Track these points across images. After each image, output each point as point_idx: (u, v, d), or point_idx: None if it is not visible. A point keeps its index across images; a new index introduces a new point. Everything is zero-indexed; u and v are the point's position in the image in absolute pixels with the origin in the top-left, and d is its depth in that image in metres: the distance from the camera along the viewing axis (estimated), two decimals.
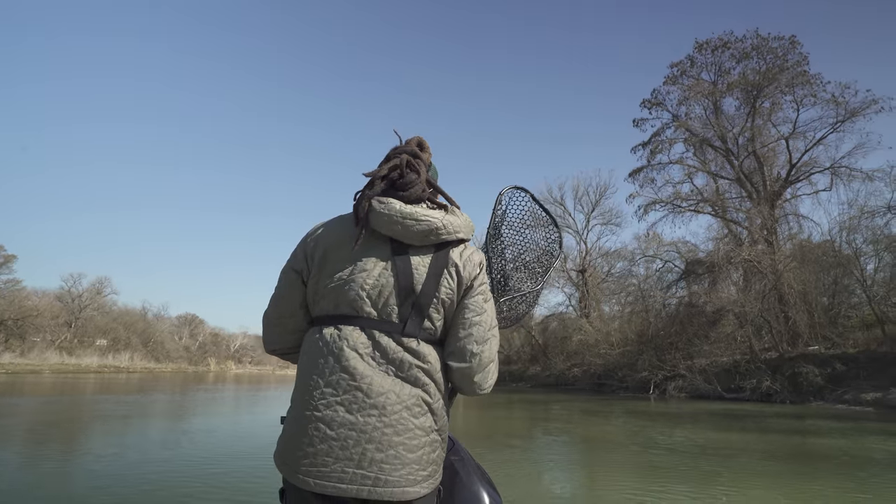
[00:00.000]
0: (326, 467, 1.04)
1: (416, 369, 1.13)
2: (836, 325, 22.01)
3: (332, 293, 1.17)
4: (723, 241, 26.92)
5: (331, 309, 1.17)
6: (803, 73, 26.52)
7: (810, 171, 26.74)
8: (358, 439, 1.06)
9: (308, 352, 1.16)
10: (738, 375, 20.50)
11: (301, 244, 1.25)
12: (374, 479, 1.05)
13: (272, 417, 11.26)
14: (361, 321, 1.14)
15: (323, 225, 1.26)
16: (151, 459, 5.89)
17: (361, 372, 1.09)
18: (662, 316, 26.81)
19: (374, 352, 1.13)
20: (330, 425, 1.06)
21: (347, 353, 1.11)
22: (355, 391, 1.08)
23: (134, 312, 61.12)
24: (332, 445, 1.05)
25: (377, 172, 1.22)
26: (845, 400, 16.78)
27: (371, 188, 1.21)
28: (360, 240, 1.17)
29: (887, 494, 4.80)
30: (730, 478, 5.51)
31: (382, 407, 1.08)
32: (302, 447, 1.07)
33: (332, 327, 1.15)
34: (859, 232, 22.33)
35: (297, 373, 1.18)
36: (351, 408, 1.07)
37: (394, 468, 1.07)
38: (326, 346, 1.13)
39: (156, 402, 15.11)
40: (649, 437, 8.89)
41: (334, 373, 1.09)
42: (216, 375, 46.45)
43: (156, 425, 9.63)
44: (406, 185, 1.22)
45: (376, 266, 1.16)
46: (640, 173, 31.02)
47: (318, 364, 1.12)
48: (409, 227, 1.16)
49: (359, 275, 1.16)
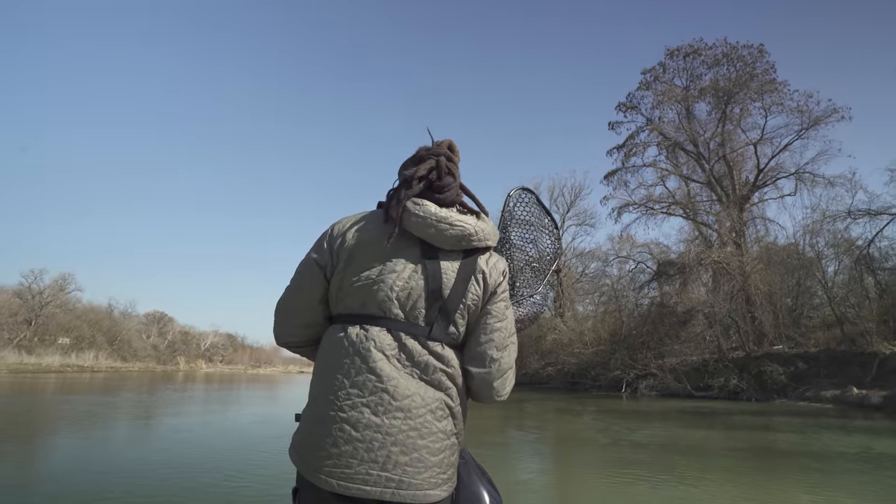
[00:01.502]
0: (350, 469, 1.04)
1: (441, 373, 1.14)
2: (799, 326, 22.82)
3: (360, 292, 1.15)
4: (693, 243, 27.59)
5: (357, 308, 1.15)
6: (771, 81, 27.45)
7: (776, 177, 27.71)
8: (383, 442, 1.06)
9: (331, 350, 1.14)
10: (707, 374, 21.05)
11: (326, 237, 1.21)
12: (398, 482, 1.05)
13: (245, 419, 11.07)
14: (388, 322, 1.13)
15: (351, 220, 1.22)
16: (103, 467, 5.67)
17: (388, 374, 1.09)
18: (635, 316, 27.32)
19: (401, 354, 1.12)
20: (355, 427, 1.05)
21: (375, 355, 1.10)
22: (382, 393, 1.08)
23: (99, 310, 59.02)
24: (357, 447, 1.05)
25: (415, 173, 1.19)
26: (807, 397, 17.39)
27: (409, 188, 1.18)
28: (392, 239, 1.15)
29: (844, 487, 4.97)
30: (697, 473, 5.63)
31: (408, 409, 1.09)
32: (325, 447, 1.06)
33: (359, 327, 1.13)
34: (821, 235, 23.20)
35: (315, 370, 1.17)
36: (377, 410, 1.07)
37: (417, 471, 1.08)
38: (353, 345, 1.11)
39: (119, 402, 14.61)
40: (620, 435, 9.03)
41: (360, 373, 1.09)
42: (186, 374, 45.29)
43: (120, 426, 9.30)
44: (443, 187, 1.21)
45: (406, 268, 1.15)
46: (615, 175, 31.58)
47: (344, 364, 1.10)
48: (443, 231, 1.16)
49: (388, 275, 1.14)
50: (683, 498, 4.59)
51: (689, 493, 4.77)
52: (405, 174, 1.21)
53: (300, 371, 77.69)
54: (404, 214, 1.16)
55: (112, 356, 52.79)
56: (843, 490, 4.87)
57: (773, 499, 4.54)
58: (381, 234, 1.17)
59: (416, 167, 1.21)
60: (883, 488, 4.98)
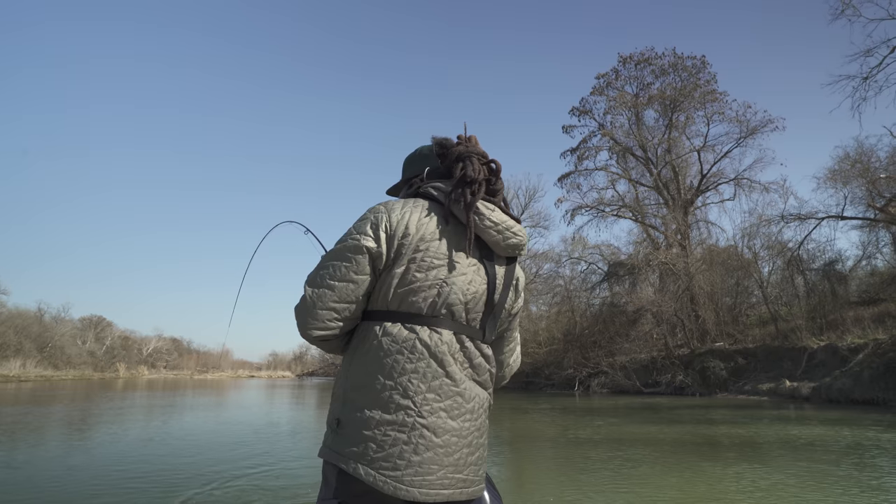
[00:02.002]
0: (432, 475, 1.02)
1: (488, 374, 1.19)
2: (738, 323, 24.13)
3: (428, 292, 1.10)
4: (642, 245, 28.71)
5: (425, 308, 1.10)
6: (712, 91, 28.98)
7: (718, 182, 29.28)
8: (458, 444, 1.07)
9: (395, 351, 1.07)
10: (655, 371, 21.90)
11: (383, 225, 1.11)
12: (468, 482, 1.08)
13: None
14: (455, 325, 1.13)
15: (406, 210, 1.14)
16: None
17: (459, 377, 1.10)
18: (587, 315, 28.09)
19: (463, 356, 1.13)
20: (436, 432, 1.04)
21: (448, 359, 1.09)
22: (456, 396, 1.08)
23: (27, 315, 54.76)
24: (437, 452, 1.03)
25: (477, 175, 1.16)
26: (745, 391, 18.38)
27: (475, 190, 1.15)
28: (470, 245, 1.13)
29: (782, 471, 5.21)
30: (647, 466, 5.75)
31: (474, 411, 1.12)
32: (404, 455, 1.01)
33: (429, 329, 1.09)
34: (758, 238, 24.68)
35: (367, 369, 1.08)
36: (453, 413, 1.07)
37: (478, 468, 1.12)
38: (427, 348, 1.07)
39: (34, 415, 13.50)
40: (573, 432, 9.17)
41: (437, 377, 1.07)
42: (126, 382, 42.73)
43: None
44: (497, 191, 1.22)
45: (469, 270, 1.15)
46: (568, 178, 32.40)
47: (419, 368, 1.06)
48: (506, 238, 1.18)
49: (458, 278, 1.13)
50: (631, 489, 4.65)
51: (638, 483, 4.85)
52: (469, 175, 1.15)
53: (250, 375, 75.09)
54: (478, 218, 1.15)
55: (42, 364, 49.11)
56: (781, 473, 5.10)
57: (718, 485, 4.68)
58: (445, 231, 1.14)
59: (472, 166, 1.17)
60: (817, 471, 5.29)
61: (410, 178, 1.35)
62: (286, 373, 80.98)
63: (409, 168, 1.37)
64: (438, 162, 1.29)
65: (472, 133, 1.29)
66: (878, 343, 15.50)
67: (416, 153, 1.37)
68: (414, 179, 1.32)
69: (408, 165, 1.38)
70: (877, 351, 15.06)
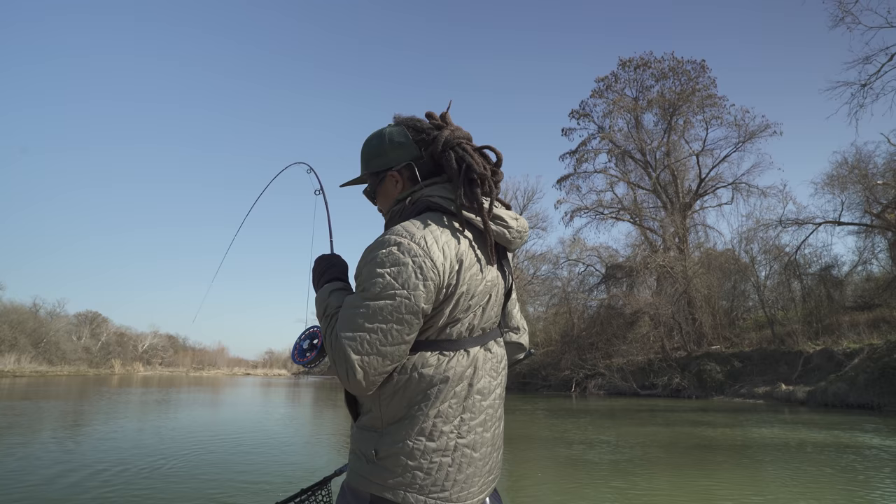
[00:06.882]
0: (474, 486, 1.05)
1: (503, 367, 1.17)
2: (735, 326, 24.25)
3: (468, 316, 1.06)
4: (640, 248, 28.77)
5: (464, 333, 1.06)
6: (711, 96, 29.08)
7: (716, 186, 29.38)
8: (490, 451, 1.10)
9: (440, 381, 1.02)
10: (652, 373, 21.97)
11: (425, 270, 0.97)
12: (494, 477, 1.12)
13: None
14: (483, 338, 1.10)
15: (432, 238, 1.00)
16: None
17: (489, 388, 1.09)
18: (584, 317, 28.12)
19: (490, 363, 1.11)
20: (475, 448, 1.06)
21: (479, 373, 1.07)
22: (488, 409, 1.09)
23: (22, 310, 54.44)
24: (477, 466, 1.06)
25: (484, 171, 1.08)
26: (741, 394, 18.46)
27: (486, 190, 1.08)
28: (493, 252, 1.09)
29: (778, 472, 5.26)
30: (642, 467, 5.79)
31: (500, 414, 1.14)
32: (451, 476, 1.02)
33: (463, 349, 1.06)
34: (755, 242, 24.80)
35: (407, 401, 1.01)
36: (486, 425, 1.08)
37: (501, 461, 1.16)
38: (464, 370, 1.04)
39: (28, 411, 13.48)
40: (570, 433, 9.21)
41: (470, 395, 1.05)
42: (121, 378, 42.57)
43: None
44: (498, 182, 1.13)
45: (493, 277, 1.11)
46: (567, 180, 32.45)
47: (457, 392, 1.04)
48: (515, 238, 1.15)
49: (490, 291, 1.10)
50: (625, 491, 4.69)
51: (632, 484, 4.88)
52: (478, 172, 1.06)
53: (246, 373, 74.88)
54: (495, 222, 1.11)
55: (37, 359, 48.88)
56: (775, 476, 5.15)
57: (712, 487, 4.73)
58: (472, 247, 1.06)
59: (473, 159, 1.07)
60: (810, 475, 5.34)
61: (380, 172, 1.17)
62: (282, 371, 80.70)
63: (378, 160, 1.16)
64: (419, 150, 1.13)
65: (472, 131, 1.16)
66: (873, 348, 15.61)
67: (382, 139, 1.15)
68: (391, 173, 1.14)
69: (374, 156, 1.17)
70: (872, 356, 15.17)
